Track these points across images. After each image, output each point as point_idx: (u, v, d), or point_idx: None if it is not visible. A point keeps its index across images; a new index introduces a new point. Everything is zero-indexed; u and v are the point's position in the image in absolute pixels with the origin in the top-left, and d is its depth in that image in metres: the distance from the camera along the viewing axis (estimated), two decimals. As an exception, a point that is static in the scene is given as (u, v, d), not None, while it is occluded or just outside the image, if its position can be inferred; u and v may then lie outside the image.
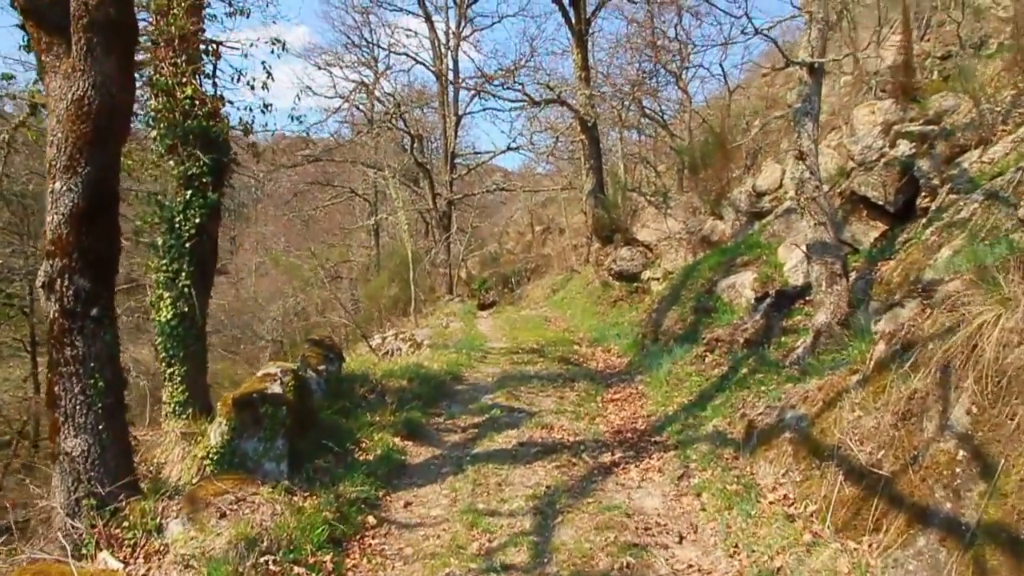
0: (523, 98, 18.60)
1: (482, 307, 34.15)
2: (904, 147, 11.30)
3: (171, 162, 8.01)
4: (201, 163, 7.81)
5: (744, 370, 9.62)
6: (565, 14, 18.62)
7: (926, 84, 15.16)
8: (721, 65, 38.45)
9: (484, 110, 32.80)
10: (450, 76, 29.81)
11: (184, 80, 7.95)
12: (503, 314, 25.30)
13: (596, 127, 19.96)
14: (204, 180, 7.91)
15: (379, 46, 28.54)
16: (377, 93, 29.38)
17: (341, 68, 29.02)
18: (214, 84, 8.25)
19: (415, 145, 28.76)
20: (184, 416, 7.79)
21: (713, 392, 9.56)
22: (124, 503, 5.44)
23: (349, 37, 28.53)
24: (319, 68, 28.90)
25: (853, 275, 9.77)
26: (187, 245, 7.87)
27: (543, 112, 28.54)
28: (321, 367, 9.42)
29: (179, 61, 7.96)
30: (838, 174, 14.39)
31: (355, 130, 29.73)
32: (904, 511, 4.64)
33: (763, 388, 8.48)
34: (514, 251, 42.66)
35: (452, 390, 10.67)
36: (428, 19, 28.45)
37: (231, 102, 8.47)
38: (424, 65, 29.50)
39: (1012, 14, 17.29)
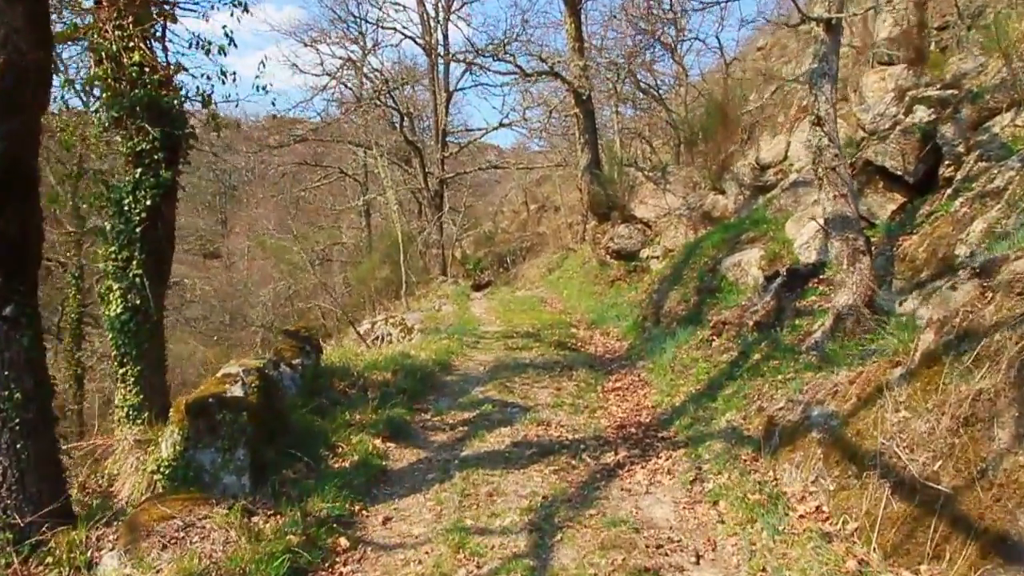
0: (515, 71, 17.63)
1: (477, 287, 33.35)
2: (922, 113, 10.41)
3: (118, 137, 7.09)
4: (151, 137, 6.89)
5: (756, 356, 8.80)
6: (557, -19, 17.59)
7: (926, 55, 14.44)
8: (717, 37, 37.61)
9: (476, 86, 31.79)
10: (440, 51, 28.74)
11: (131, 44, 7.02)
12: (498, 295, 24.45)
13: (591, 100, 19.02)
14: (156, 156, 6.99)
15: (367, 20, 27.47)
16: (365, 70, 28.32)
17: (328, 44, 27.96)
18: (165, 49, 7.31)
19: (405, 123, 27.74)
20: (139, 421, 6.94)
21: (723, 380, 8.73)
22: (49, 534, 4.60)
23: (335, 12, 27.38)
24: (305, 45, 27.85)
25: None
26: (138, 230, 6.97)
27: (536, 87, 27.59)
28: (296, 361, 8.57)
29: (125, 23, 7.02)
30: (847, 145, 13.47)
31: (343, 108, 28.68)
32: (975, 538, 3.82)
33: (779, 377, 7.66)
34: (509, 230, 41.81)
35: (441, 382, 9.83)
36: (416, -8, 27.34)
37: (187, 70, 7.52)
38: (413, 40, 28.47)
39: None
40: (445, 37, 27.66)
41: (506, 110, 32.38)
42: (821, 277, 9.84)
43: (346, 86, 29.43)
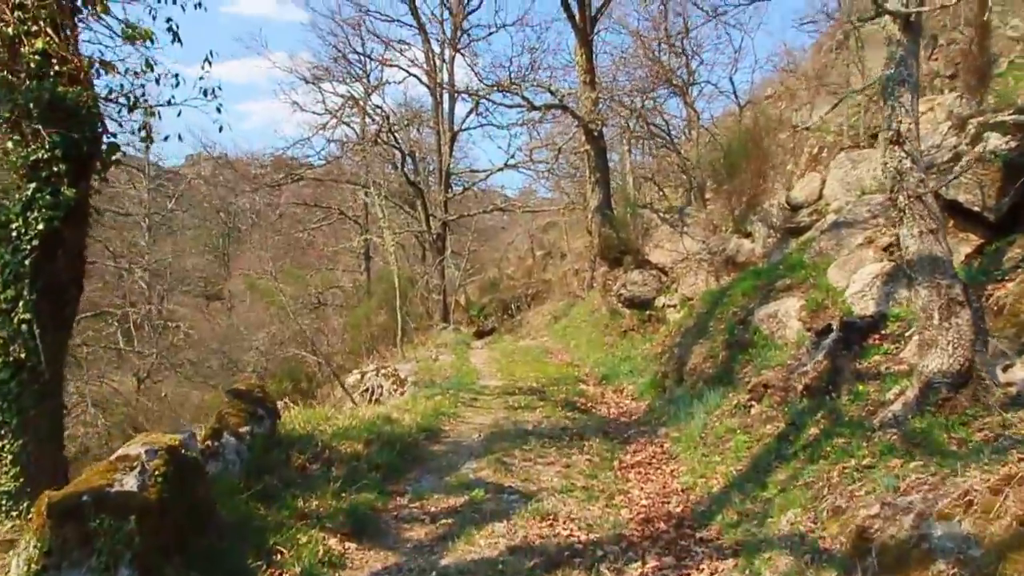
0: (522, 104, 16.16)
1: (479, 335, 31.61)
2: (997, 141, 8.75)
3: (9, 143, 5.46)
4: (49, 143, 5.25)
5: (812, 430, 7.01)
6: (568, 9, 16.23)
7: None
8: (731, 79, 36.14)
9: (481, 126, 30.43)
10: (445, 87, 27.38)
11: (35, 29, 5.43)
12: (500, 344, 22.68)
13: (602, 136, 17.51)
14: (56, 169, 5.34)
15: (370, 58, 26.20)
16: (368, 108, 26.98)
17: (330, 82, 26.65)
18: (69, 39, 5.69)
19: (407, 163, 26.32)
20: (15, 513, 5.17)
21: (771, 461, 6.93)
22: None
23: (338, 49, 26.18)
24: (307, 82, 26.58)
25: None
26: (27, 262, 5.28)
27: (543, 128, 26.24)
28: (244, 429, 6.81)
29: (29, 2, 5.45)
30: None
31: (343, 148, 27.29)
32: None
33: (852, 462, 5.88)
34: (514, 276, 40.24)
35: (425, 453, 8.01)
36: (422, 29, 26.13)
37: (114, 67, 5.91)
38: (417, 79, 27.18)
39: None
40: (450, 76, 26.41)
41: (512, 150, 31.00)
42: (883, 333, 8.10)
43: (348, 125, 28.12)
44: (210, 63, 6.21)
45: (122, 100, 5.87)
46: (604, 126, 17.36)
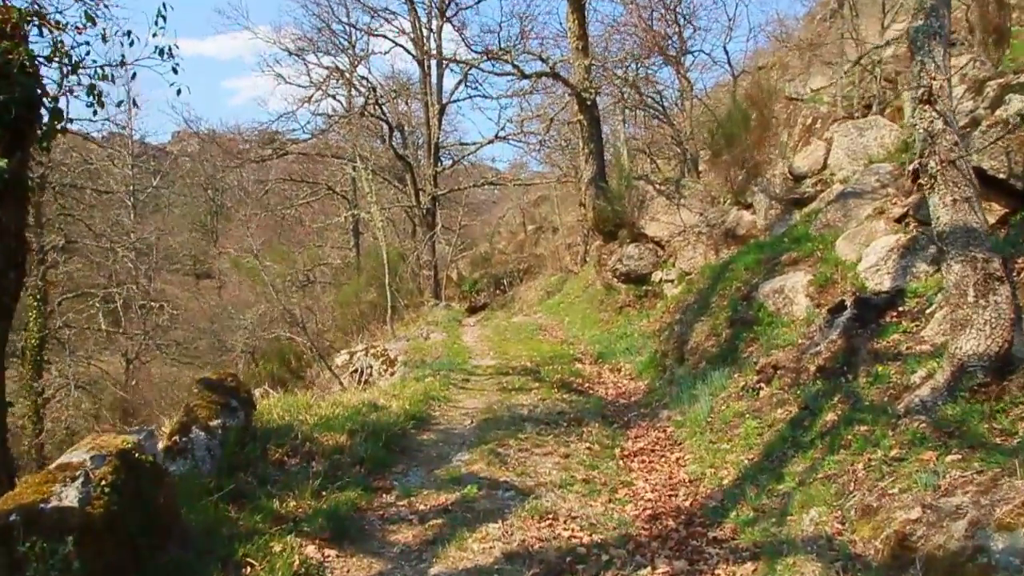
0: (512, 72, 15.41)
1: (472, 310, 31.06)
2: (1020, 104, 8.14)
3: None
4: (-25, 108, 4.59)
5: (829, 415, 6.47)
6: (559, -27, 15.42)
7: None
8: (725, 48, 35.30)
9: (470, 98, 29.55)
10: (433, 62, 26.53)
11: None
12: (493, 320, 22.11)
13: (596, 105, 16.78)
14: (-15, 137, 4.69)
15: (355, 27, 25.26)
16: (354, 81, 26.10)
17: (315, 54, 25.72)
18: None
19: (395, 136, 25.52)
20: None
21: (787, 449, 6.40)
22: None
23: (323, 19, 25.24)
24: (290, 54, 25.66)
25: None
26: (-45, 244, 4.64)
27: (534, 99, 25.43)
28: (215, 423, 6.22)
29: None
30: (901, 150, 11.30)
31: (329, 121, 26.42)
32: None
33: (879, 453, 5.35)
34: (506, 251, 39.65)
35: (414, 444, 7.44)
36: (408, -2, 25.19)
37: (45, 15, 5.20)
38: (404, 49, 26.28)
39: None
40: (438, 45, 25.51)
41: (503, 123, 30.09)
42: (901, 309, 7.55)
43: (334, 98, 27.24)
44: (164, 18, 5.52)
45: (61, 61, 5.17)
46: (598, 95, 16.65)
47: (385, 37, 25.55)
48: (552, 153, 28.74)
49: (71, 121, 5.47)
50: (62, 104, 5.30)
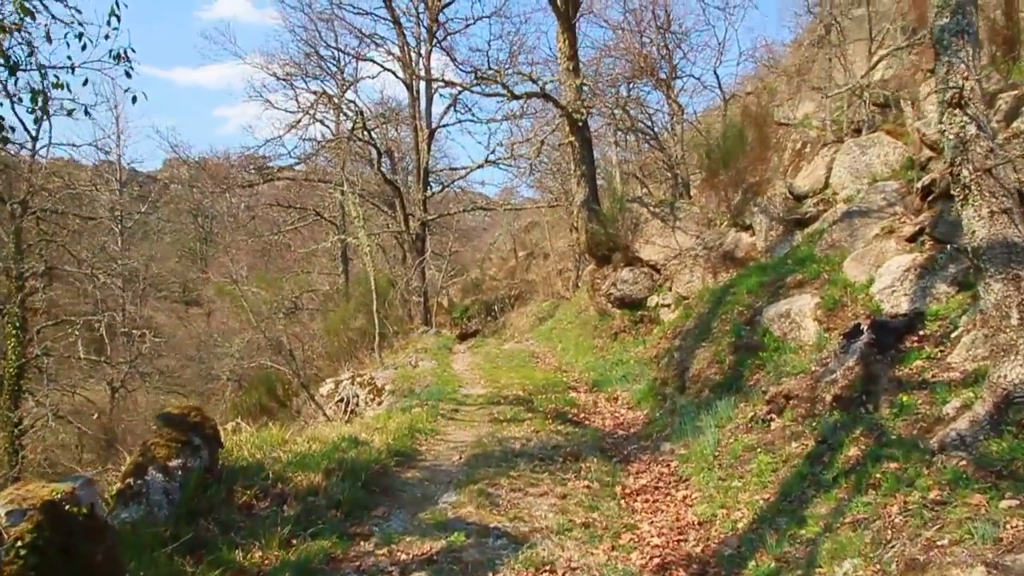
0: (502, 93, 14.91)
1: (463, 337, 30.39)
2: (1039, 115, 7.66)
3: None
4: None
5: (852, 450, 5.87)
6: (549, -11, 15.02)
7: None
8: (715, 72, 35.04)
9: (460, 122, 29.12)
10: (422, 86, 26.14)
11: None
12: (483, 348, 21.45)
13: (587, 126, 16.30)
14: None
15: (344, 52, 24.82)
16: (342, 106, 25.61)
17: (303, 79, 25.24)
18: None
19: (383, 161, 24.99)
20: None
21: (807, 488, 5.78)
22: None
23: (311, 45, 24.81)
24: (278, 79, 25.18)
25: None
26: None
27: (524, 123, 25.00)
28: (175, 462, 5.55)
29: None
30: (906, 167, 10.81)
31: (316, 146, 25.87)
32: None
33: (914, 495, 4.74)
34: (496, 277, 39.14)
35: (396, 483, 6.75)
36: (396, 23, 24.78)
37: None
38: (393, 73, 25.82)
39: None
40: (427, 69, 25.10)
41: (493, 146, 29.61)
42: (922, 334, 6.98)
43: (322, 123, 26.74)
44: (118, 18, 4.95)
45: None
46: (589, 115, 16.18)
47: (373, 61, 25.13)
48: (543, 177, 28.33)
49: (13, 130, 4.85)
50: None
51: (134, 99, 5.30)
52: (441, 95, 26.66)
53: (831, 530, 4.97)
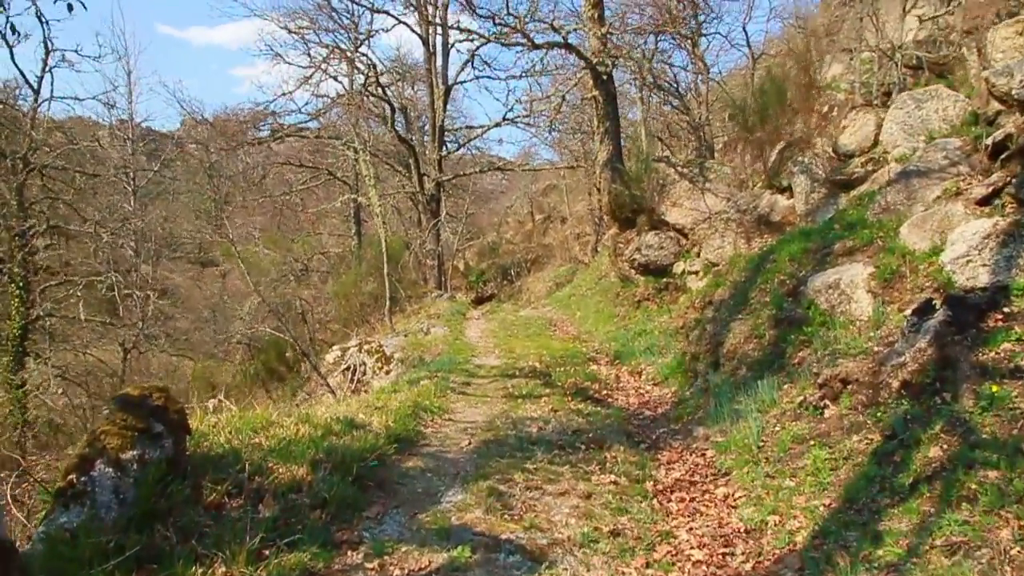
0: (522, 43, 13.74)
1: (478, 301, 29.61)
2: None
3: None
4: None
5: (931, 450, 4.90)
6: (573, -66, 13.73)
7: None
8: (744, 28, 33.34)
9: (477, 79, 27.69)
10: (438, 41, 24.88)
11: None
12: (499, 314, 20.52)
13: (612, 80, 15.09)
14: None
15: (358, 3, 23.50)
16: (356, 61, 24.41)
17: (316, 31, 24.02)
18: None
19: (397, 118, 23.84)
20: None
21: (877, 495, 4.82)
22: None
23: (323, -3, 23.49)
24: (289, 32, 23.98)
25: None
26: None
27: (544, 80, 23.70)
28: (130, 454, 4.66)
29: None
30: (968, 123, 9.63)
31: (327, 102, 24.72)
32: None
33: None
34: (513, 241, 38.23)
35: (395, 475, 5.83)
36: (412, -27, 23.46)
37: None
38: (408, 27, 24.55)
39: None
40: (444, 20, 23.78)
41: (511, 103, 28.26)
42: (1007, 311, 5.91)
43: (335, 79, 25.57)
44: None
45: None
46: (614, 67, 14.96)
47: (388, 13, 23.83)
48: (562, 138, 27.06)
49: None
50: None
51: (70, 7, 4.25)
52: (458, 50, 25.45)
53: (918, 554, 4.01)
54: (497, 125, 24.53)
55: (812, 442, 5.93)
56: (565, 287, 22.18)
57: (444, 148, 25.49)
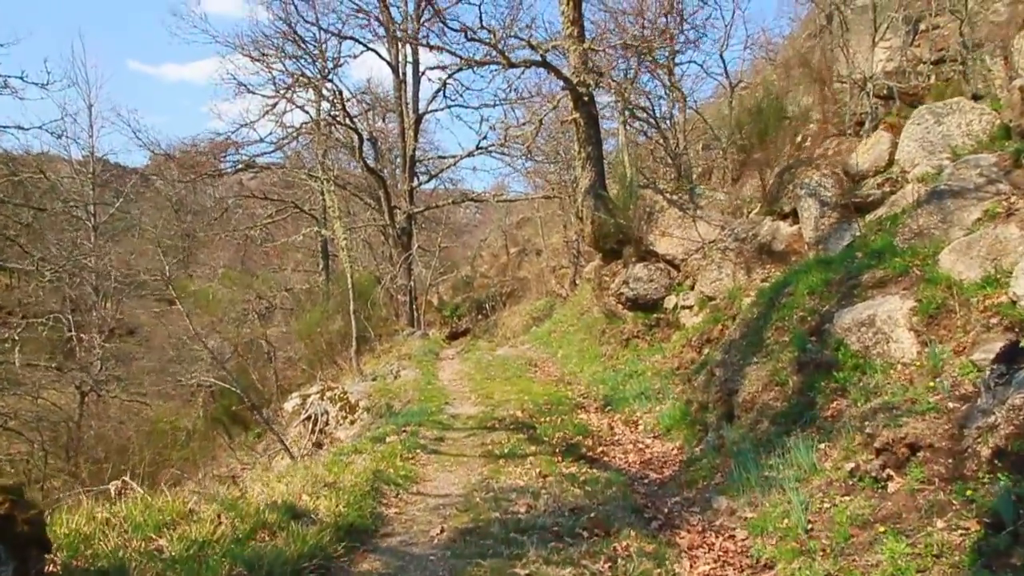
0: (497, 61, 12.55)
1: (453, 336, 28.22)
2: None
3: None
4: None
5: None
6: (550, -54, 12.63)
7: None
8: (722, 56, 32.36)
9: (449, 107, 26.47)
10: (409, 70, 23.70)
11: None
12: (474, 352, 19.06)
13: (593, 101, 13.92)
14: None
15: (324, 30, 22.23)
16: (323, 90, 23.07)
17: (280, 60, 22.68)
18: None
19: (365, 148, 22.45)
20: None
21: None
22: None
23: (289, 24, 22.21)
24: (253, 60, 22.61)
25: None
26: None
27: (519, 110, 22.56)
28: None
29: None
30: (1000, 137, 8.52)
31: (289, 131, 23.25)
32: None
33: None
34: (488, 274, 36.93)
35: (343, 587, 4.37)
36: (382, 1, 22.28)
37: None
38: (376, 53, 23.29)
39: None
40: (415, 51, 22.65)
41: (485, 130, 27.06)
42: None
43: (302, 109, 24.19)
44: None
45: None
46: (597, 87, 13.81)
47: (356, 40, 22.55)
48: (538, 168, 25.87)
49: None
50: None
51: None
52: (430, 79, 24.27)
53: None
54: (470, 155, 23.30)
55: (880, 527, 4.58)
56: (544, 322, 20.81)
57: (415, 179, 24.19)
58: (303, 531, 4.67)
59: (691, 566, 5.00)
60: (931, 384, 5.60)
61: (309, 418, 12.46)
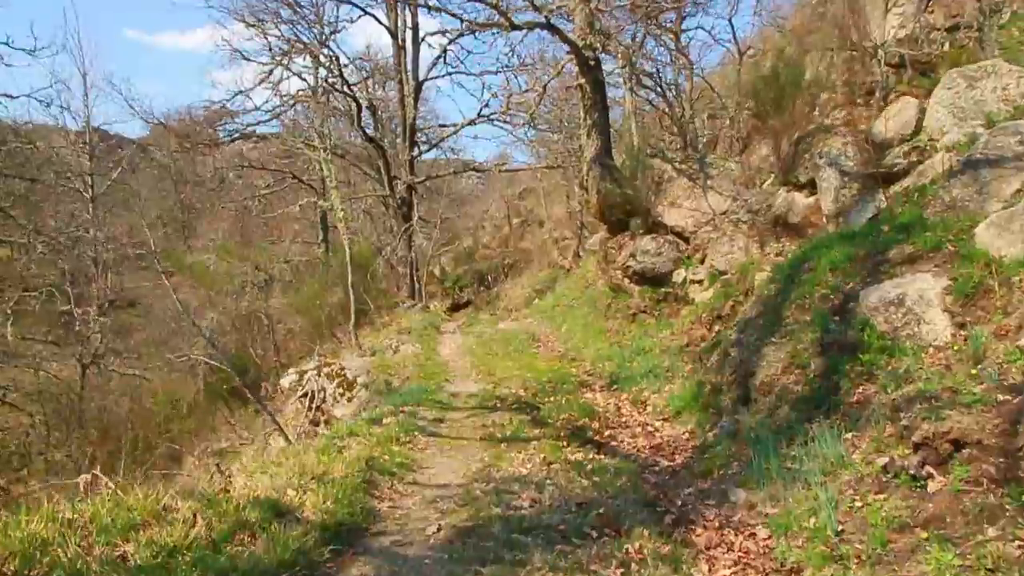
0: (499, 24, 11.94)
1: (455, 308, 27.81)
2: None
3: None
4: None
5: None
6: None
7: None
8: (730, 21, 31.55)
9: (450, 75, 25.63)
10: (408, 36, 22.95)
11: None
12: (476, 326, 18.62)
13: (600, 66, 13.28)
14: None
15: (319, -6, 21.48)
16: (320, 57, 22.36)
17: (277, 25, 21.97)
18: None
19: (364, 116, 21.82)
20: None
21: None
22: None
23: (283, -12, 21.43)
24: (248, 26, 21.91)
25: None
26: None
27: (522, 78, 21.83)
28: None
29: None
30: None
31: (287, 99, 22.59)
32: None
33: None
34: (490, 246, 36.40)
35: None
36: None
37: None
38: (374, 17, 22.53)
39: None
40: (414, 16, 21.91)
41: (487, 97, 26.31)
42: None
43: (299, 76, 23.49)
44: None
45: None
46: (604, 51, 13.15)
47: (354, 4, 21.75)
48: (541, 137, 25.18)
49: None
50: None
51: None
52: (430, 45, 23.53)
53: None
54: (472, 123, 22.63)
55: (921, 532, 4.13)
56: (547, 294, 20.33)
57: (416, 148, 23.56)
58: (286, 533, 4.22)
59: (709, 570, 4.55)
60: (973, 372, 5.11)
61: (306, 395, 12.06)
